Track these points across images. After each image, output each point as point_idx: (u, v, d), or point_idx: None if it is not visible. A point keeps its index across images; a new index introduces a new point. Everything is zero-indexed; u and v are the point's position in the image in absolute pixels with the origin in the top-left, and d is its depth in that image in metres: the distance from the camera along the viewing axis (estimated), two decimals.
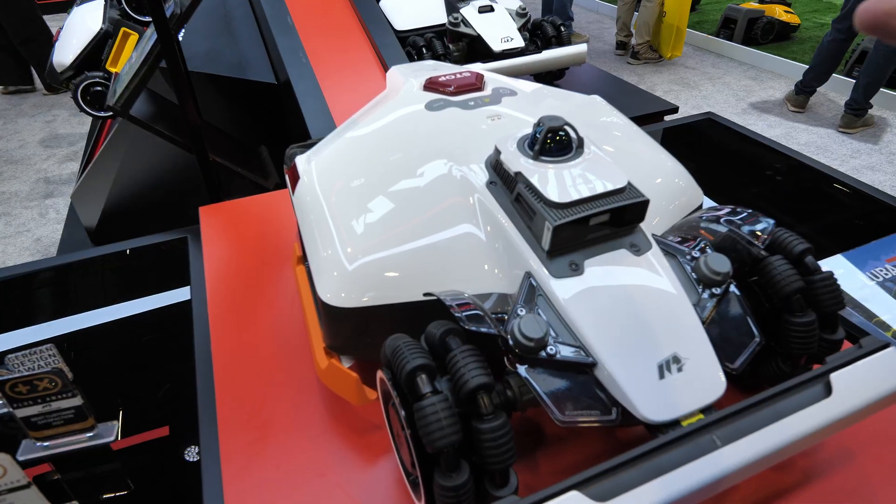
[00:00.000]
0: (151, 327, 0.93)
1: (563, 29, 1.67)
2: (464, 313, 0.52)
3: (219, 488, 0.63)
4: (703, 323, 0.56)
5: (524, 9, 1.66)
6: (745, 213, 0.64)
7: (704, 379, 0.53)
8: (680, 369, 0.53)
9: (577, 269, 0.57)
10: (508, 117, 0.75)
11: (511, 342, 0.52)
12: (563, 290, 0.55)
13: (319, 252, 0.65)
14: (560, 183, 0.58)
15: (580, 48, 1.61)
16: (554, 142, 0.61)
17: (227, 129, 1.63)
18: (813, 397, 0.52)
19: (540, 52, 1.60)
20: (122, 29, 2.00)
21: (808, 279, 0.59)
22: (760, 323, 0.59)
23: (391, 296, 0.61)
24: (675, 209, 0.72)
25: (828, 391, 0.52)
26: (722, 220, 0.64)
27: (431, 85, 0.81)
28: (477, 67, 1.61)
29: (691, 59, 4.50)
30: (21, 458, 0.72)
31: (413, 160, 0.69)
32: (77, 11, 2.17)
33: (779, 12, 4.41)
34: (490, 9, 1.60)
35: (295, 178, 0.75)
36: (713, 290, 0.59)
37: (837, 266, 0.97)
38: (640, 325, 0.54)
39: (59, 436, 0.72)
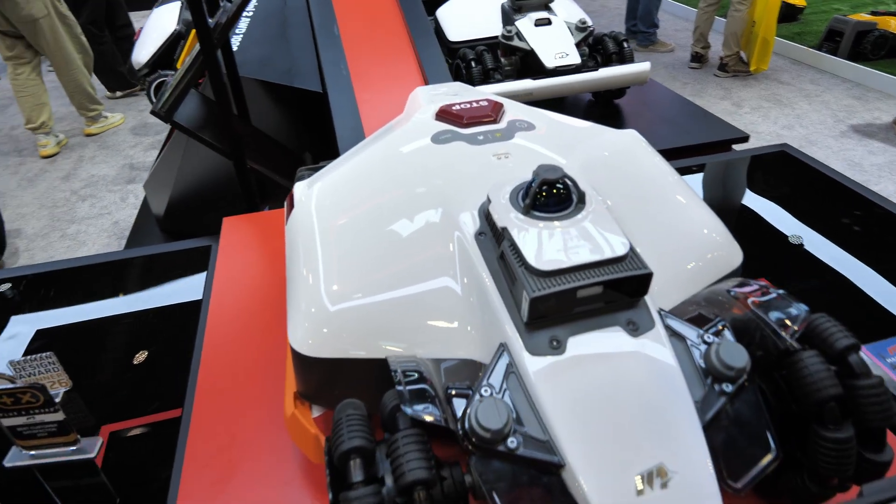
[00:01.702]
0: (170, 322, 0.96)
1: (626, 45, 1.55)
2: (409, 388, 0.46)
3: None
4: (705, 427, 0.47)
5: (585, 22, 1.56)
6: (775, 294, 0.54)
7: (694, 501, 0.44)
8: (664, 485, 0.44)
9: (558, 347, 0.49)
10: (517, 156, 0.68)
11: (467, 428, 0.46)
12: (538, 369, 0.48)
13: (296, 292, 0.61)
14: (548, 245, 0.51)
15: (641, 67, 1.49)
16: (549, 195, 0.54)
17: (276, 135, 1.64)
18: None
19: (598, 69, 1.50)
20: (193, 31, 2.08)
21: (850, 384, 0.48)
22: (786, 427, 0.49)
23: (360, 350, 0.56)
24: (704, 270, 0.63)
25: None
26: (749, 299, 0.54)
27: (443, 114, 0.76)
28: (527, 84, 1.54)
29: (787, 74, 4.15)
30: (8, 465, 0.73)
31: (405, 202, 0.64)
32: (156, 12, 2.28)
33: (894, 25, 3.98)
34: (547, 22, 1.51)
35: (291, 205, 0.72)
36: (723, 386, 0.49)
37: None
38: (624, 423, 0.46)
39: (45, 447, 0.73)
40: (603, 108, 1.69)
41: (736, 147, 1.46)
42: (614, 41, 1.57)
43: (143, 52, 2.06)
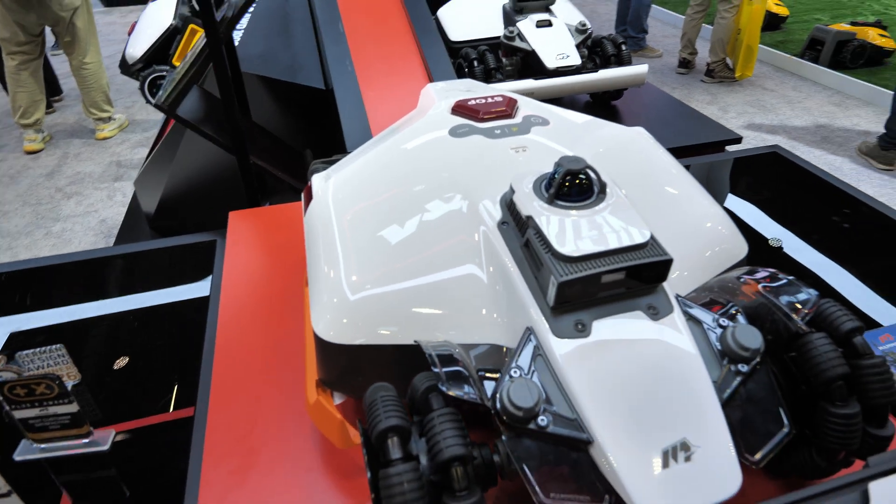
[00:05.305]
0: (176, 318, 0.94)
1: (623, 48, 1.58)
2: (445, 370, 0.48)
3: None
4: (723, 404, 0.49)
5: (584, 25, 1.59)
6: (785, 280, 0.56)
7: (717, 472, 0.46)
8: (688, 458, 0.46)
9: (583, 331, 0.51)
10: (534, 149, 0.70)
11: (499, 407, 0.47)
12: (564, 351, 0.50)
13: (319, 281, 0.62)
14: (573, 233, 0.52)
15: (639, 69, 1.52)
16: (573, 185, 0.56)
17: (276, 131, 1.64)
18: None
19: (597, 70, 1.52)
20: (190, 25, 2.06)
21: (855, 363, 0.51)
22: (795, 406, 0.52)
23: (385, 337, 0.57)
24: (713, 260, 0.65)
25: (864, 502, 0.45)
26: (759, 285, 0.57)
27: (459, 108, 0.77)
28: (528, 84, 1.56)
29: (770, 81, 4.25)
30: (18, 458, 0.72)
31: (427, 192, 0.65)
32: (152, 6, 2.26)
33: (872, 35, 4.09)
34: (548, 24, 1.53)
35: (309, 197, 0.73)
36: (739, 366, 0.52)
37: None
38: (648, 402, 0.48)
39: (56, 440, 0.73)
40: (601, 109, 1.72)
41: (729, 148, 1.50)
42: (612, 43, 1.60)
43: (137, 46, 2.04)
